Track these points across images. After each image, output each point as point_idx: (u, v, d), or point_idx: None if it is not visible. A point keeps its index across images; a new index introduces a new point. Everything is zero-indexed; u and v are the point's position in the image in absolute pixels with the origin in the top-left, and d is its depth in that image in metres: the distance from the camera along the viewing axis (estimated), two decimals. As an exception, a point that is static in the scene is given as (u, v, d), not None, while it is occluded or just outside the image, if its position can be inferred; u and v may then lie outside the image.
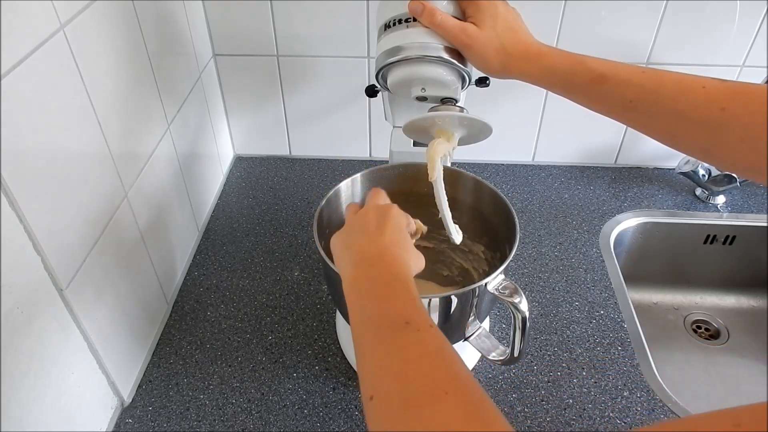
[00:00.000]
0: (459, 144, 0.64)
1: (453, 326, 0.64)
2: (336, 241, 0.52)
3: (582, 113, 0.56)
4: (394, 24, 0.60)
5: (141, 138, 0.72)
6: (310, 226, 0.95)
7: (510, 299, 0.57)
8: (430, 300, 0.60)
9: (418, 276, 0.50)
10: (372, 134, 1.07)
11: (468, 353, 0.73)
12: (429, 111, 0.61)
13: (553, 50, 0.55)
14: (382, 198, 0.57)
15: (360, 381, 0.39)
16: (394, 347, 0.39)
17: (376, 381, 0.38)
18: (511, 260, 0.61)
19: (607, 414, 0.69)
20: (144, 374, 0.74)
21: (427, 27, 0.57)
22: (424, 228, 0.59)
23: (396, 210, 0.53)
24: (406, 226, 0.53)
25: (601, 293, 0.84)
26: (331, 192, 0.70)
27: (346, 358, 0.75)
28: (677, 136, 0.49)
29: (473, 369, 0.74)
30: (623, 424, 0.68)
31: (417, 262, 0.51)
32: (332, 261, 0.60)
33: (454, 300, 0.60)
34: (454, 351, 0.38)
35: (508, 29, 0.56)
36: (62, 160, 0.55)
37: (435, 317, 0.61)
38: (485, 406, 0.34)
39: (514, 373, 0.74)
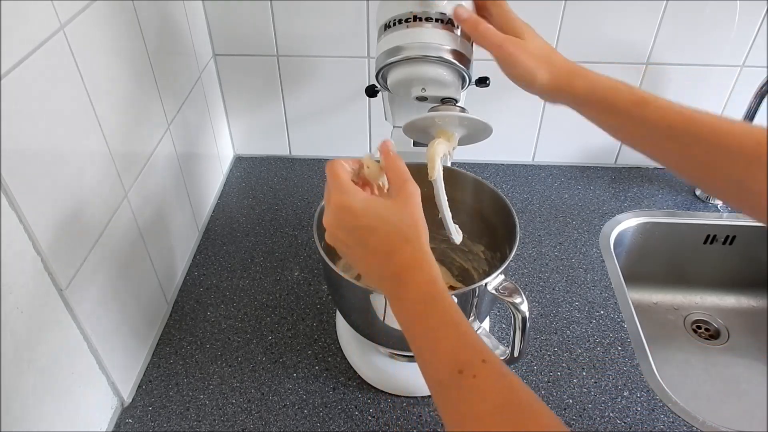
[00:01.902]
0: (459, 144, 0.64)
1: (453, 326, 0.64)
2: (340, 249, 0.49)
3: (582, 113, 0.56)
4: (394, 24, 0.60)
5: (141, 138, 0.72)
6: (310, 226, 0.95)
7: (510, 299, 0.57)
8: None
9: None
10: (372, 134, 1.07)
11: (468, 353, 0.73)
12: (429, 111, 0.61)
13: (592, 71, 0.55)
14: (337, 187, 0.48)
15: None
16: (456, 408, 0.37)
17: None
18: (511, 260, 0.61)
19: (607, 414, 0.69)
20: (144, 374, 0.74)
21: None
22: (370, 161, 0.52)
23: (351, 212, 0.46)
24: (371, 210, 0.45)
25: (601, 293, 0.84)
26: (331, 192, 0.70)
27: (346, 358, 0.75)
28: (712, 167, 0.47)
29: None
30: (623, 424, 0.68)
31: (418, 230, 0.45)
32: (332, 261, 0.61)
33: (454, 300, 0.60)
34: (519, 390, 0.36)
35: (547, 45, 0.55)
36: (62, 160, 0.55)
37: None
38: None
39: (514, 373, 0.74)
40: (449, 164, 0.71)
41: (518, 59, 0.54)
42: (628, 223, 0.96)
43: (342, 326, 0.77)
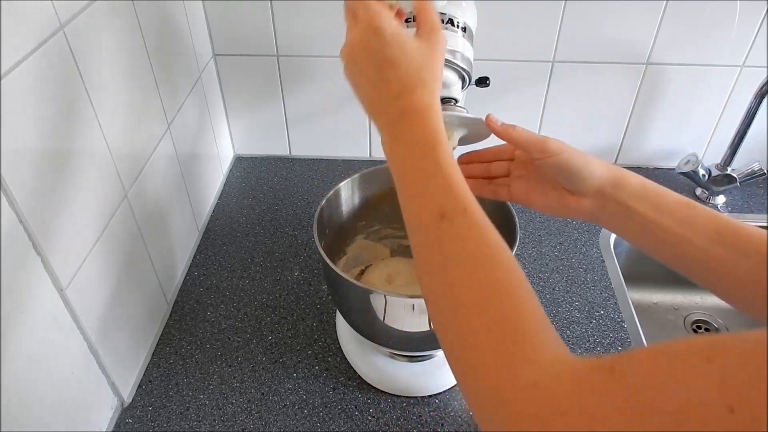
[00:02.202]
0: (459, 144, 0.64)
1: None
2: (348, 76, 0.48)
3: (582, 113, 0.56)
4: (394, 24, 0.60)
5: (141, 138, 0.72)
6: (310, 226, 0.95)
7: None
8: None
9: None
10: (372, 134, 1.07)
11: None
12: (429, 111, 0.60)
13: None
14: (366, 6, 0.45)
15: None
16: (433, 251, 0.38)
17: (425, 287, 0.38)
18: (511, 260, 0.61)
19: (607, 414, 0.69)
20: (144, 374, 0.74)
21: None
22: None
23: (372, 30, 0.44)
24: (389, 28, 0.44)
25: (601, 293, 0.84)
26: (331, 192, 0.70)
27: (346, 358, 0.75)
28: (760, 279, 0.43)
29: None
30: (623, 424, 0.68)
31: (435, 78, 0.45)
32: (332, 261, 0.61)
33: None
34: (493, 243, 0.37)
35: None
36: (62, 160, 0.55)
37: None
38: (523, 327, 0.32)
39: (514, 373, 0.73)
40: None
41: (572, 152, 0.51)
42: (628, 223, 0.96)
43: (342, 326, 0.77)
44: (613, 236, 0.94)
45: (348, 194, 0.73)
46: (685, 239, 0.47)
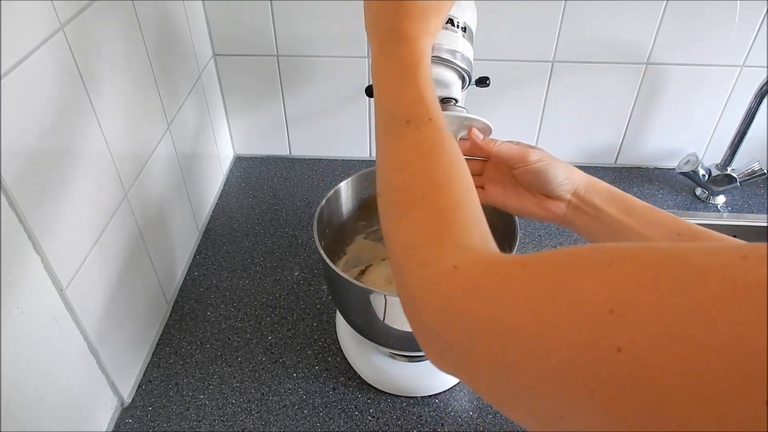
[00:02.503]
0: (459, 144, 0.64)
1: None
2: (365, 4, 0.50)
3: (582, 113, 0.56)
4: (394, 24, 0.59)
5: (141, 138, 0.72)
6: (310, 226, 0.95)
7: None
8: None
9: None
10: (372, 134, 1.07)
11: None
12: (429, 111, 0.60)
13: None
14: None
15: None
16: (394, 149, 0.42)
17: (380, 180, 0.42)
18: (511, 260, 0.61)
19: (607, 414, 0.69)
20: (144, 374, 0.74)
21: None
22: None
23: None
24: None
25: (601, 293, 0.84)
26: (331, 192, 0.70)
27: (346, 358, 0.75)
28: None
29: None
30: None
31: (441, 15, 0.48)
32: (332, 261, 0.61)
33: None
34: (448, 147, 0.41)
35: None
36: (62, 160, 0.55)
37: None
38: (459, 219, 0.36)
39: (514, 373, 0.73)
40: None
41: (551, 159, 0.56)
42: (628, 223, 0.96)
43: (342, 326, 0.77)
44: (613, 236, 0.94)
45: (348, 194, 0.73)
46: (650, 239, 0.51)
